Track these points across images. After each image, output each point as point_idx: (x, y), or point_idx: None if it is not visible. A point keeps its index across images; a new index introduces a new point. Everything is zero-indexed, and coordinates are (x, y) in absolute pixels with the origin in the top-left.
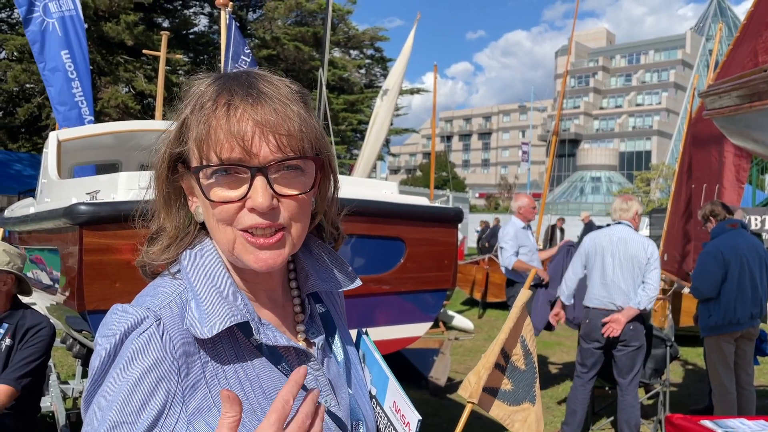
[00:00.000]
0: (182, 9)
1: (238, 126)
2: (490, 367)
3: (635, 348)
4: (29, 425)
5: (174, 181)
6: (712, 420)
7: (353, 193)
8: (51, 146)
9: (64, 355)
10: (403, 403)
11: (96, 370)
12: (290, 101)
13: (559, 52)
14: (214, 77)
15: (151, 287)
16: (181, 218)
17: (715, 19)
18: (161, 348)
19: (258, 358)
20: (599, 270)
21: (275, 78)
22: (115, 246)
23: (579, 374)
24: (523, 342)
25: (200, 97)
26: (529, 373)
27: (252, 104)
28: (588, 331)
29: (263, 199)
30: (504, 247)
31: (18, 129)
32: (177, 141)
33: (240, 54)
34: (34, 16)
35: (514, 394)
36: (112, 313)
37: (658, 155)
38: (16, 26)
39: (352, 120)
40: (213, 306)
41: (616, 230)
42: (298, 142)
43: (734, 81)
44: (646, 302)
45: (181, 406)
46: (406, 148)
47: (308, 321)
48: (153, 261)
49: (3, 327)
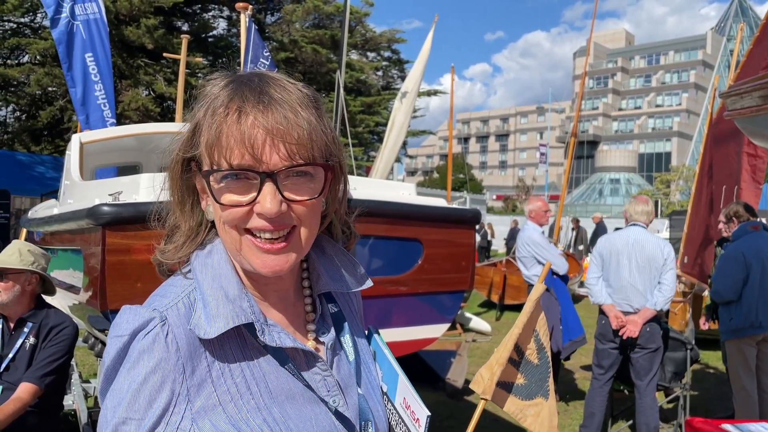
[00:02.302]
0: (201, 13)
1: (248, 133)
2: (503, 362)
3: (652, 350)
4: (52, 423)
5: (187, 179)
6: (733, 424)
7: (371, 195)
8: (74, 148)
9: (85, 354)
10: (412, 400)
11: (108, 368)
12: (301, 107)
13: (577, 53)
14: (228, 79)
15: (163, 287)
16: (194, 216)
17: (736, 19)
18: (165, 348)
19: (265, 357)
20: (614, 272)
21: (288, 82)
22: (136, 246)
23: (596, 376)
24: (537, 336)
25: (213, 101)
26: (542, 368)
27: (263, 111)
28: (603, 331)
29: (272, 205)
30: (553, 254)
31: (41, 131)
32: (190, 143)
33: (259, 57)
34: (62, 16)
35: (527, 388)
36: (122, 314)
37: (678, 157)
38: (39, 30)
39: (369, 122)
40: (217, 307)
41: (632, 232)
42: (308, 149)
43: (756, 81)
44: (662, 303)
45: (186, 404)
46: (422, 150)
47: (319, 321)
48: (167, 260)
49: (27, 326)
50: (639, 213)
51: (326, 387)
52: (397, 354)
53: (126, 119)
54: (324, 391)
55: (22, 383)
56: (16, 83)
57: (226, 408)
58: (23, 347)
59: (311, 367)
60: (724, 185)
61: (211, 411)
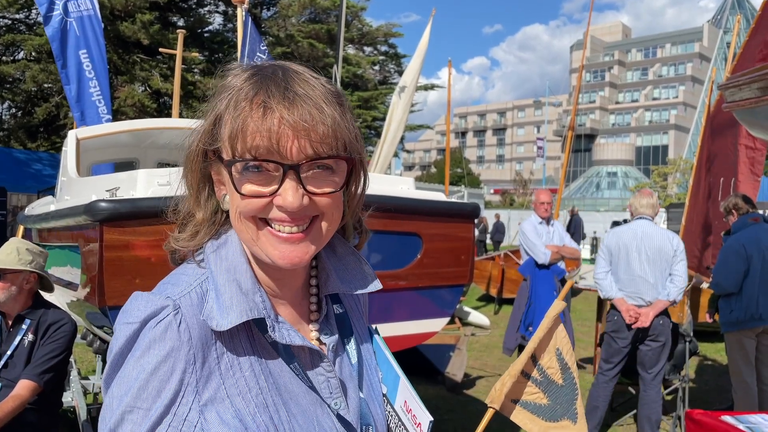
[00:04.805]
0: (197, 8)
1: (274, 129)
2: (515, 374)
3: (662, 343)
4: (51, 420)
5: (204, 168)
6: (733, 416)
7: (370, 189)
8: (70, 144)
9: (84, 351)
10: (414, 403)
11: (115, 355)
12: (326, 103)
13: (574, 46)
14: (250, 71)
15: (174, 275)
16: (210, 206)
17: (732, 11)
18: (178, 337)
19: (271, 354)
20: (624, 266)
21: (311, 77)
22: (134, 242)
23: (604, 371)
24: (560, 356)
25: (237, 94)
26: (568, 389)
27: (288, 107)
28: (617, 327)
29: (293, 199)
30: (534, 244)
31: (37, 128)
32: (210, 135)
33: (256, 51)
34: (54, 14)
35: (551, 409)
36: (132, 300)
37: (675, 149)
38: (34, 26)
39: (367, 117)
40: (231, 299)
41: (639, 225)
42: (331, 144)
43: (754, 73)
44: (675, 294)
45: (194, 395)
46: (420, 145)
47: (323, 321)
48: (181, 247)
49: (26, 323)
50: (645, 206)
51: (329, 389)
52: (396, 348)
53: (122, 115)
54: (326, 393)
55: (20, 380)
56: (12, 80)
57: (233, 401)
58: (22, 344)
59: (316, 366)
60: (722, 177)
61: (219, 403)
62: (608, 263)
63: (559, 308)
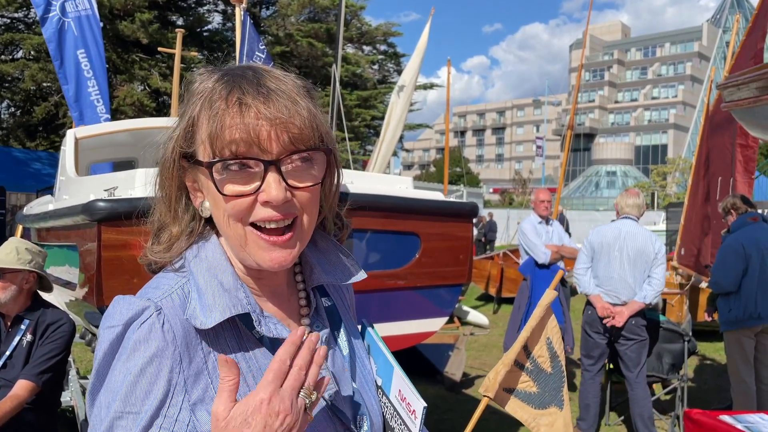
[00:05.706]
0: (196, 7)
1: (252, 124)
2: (509, 363)
3: (639, 341)
4: (50, 420)
5: (178, 177)
6: (732, 415)
7: (369, 189)
8: (69, 144)
9: (83, 351)
10: (408, 391)
11: (100, 362)
12: (299, 96)
13: (573, 45)
14: (219, 74)
15: (155, 279)
16: (186, 217)
17: (732, 10)
18: (162, 337)
19: (260, 349)
20: (605, 264)
21: (280, 73)
22: (133, 242)
23: (586, 367)
24: (550, 344)
25: (210, 94)
26: (555, 377)
27: (264, 102)
28: (590, 320)
29: (277, 192)
30: (534, 243)
31: (35, 127)
32: (185, 140)
33: (255, 50)
34: (51, 15)
35: (540, 397)
36: (114, 304)
37: (674, 149)
38: (32, 25)
39: (366, 116)
40: (214, 297)
41: (623, 225)
42: (309, 136)
43: (753, 72)
44: (651, 297)
45: (184, 395)
46: (419, 144)
47: (313, 315)
48: (158, 259)
49: (24, 323)
50: (630, 206)
51: None
52: (395, 348)
53: (121, 114)
54: None
55: (19, 380)
56: (11, 79)
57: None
58: (20, 344)
59: None
60: (720, 177)
61: (209, 403)
62: (590, 259)
63: (550, 297)
